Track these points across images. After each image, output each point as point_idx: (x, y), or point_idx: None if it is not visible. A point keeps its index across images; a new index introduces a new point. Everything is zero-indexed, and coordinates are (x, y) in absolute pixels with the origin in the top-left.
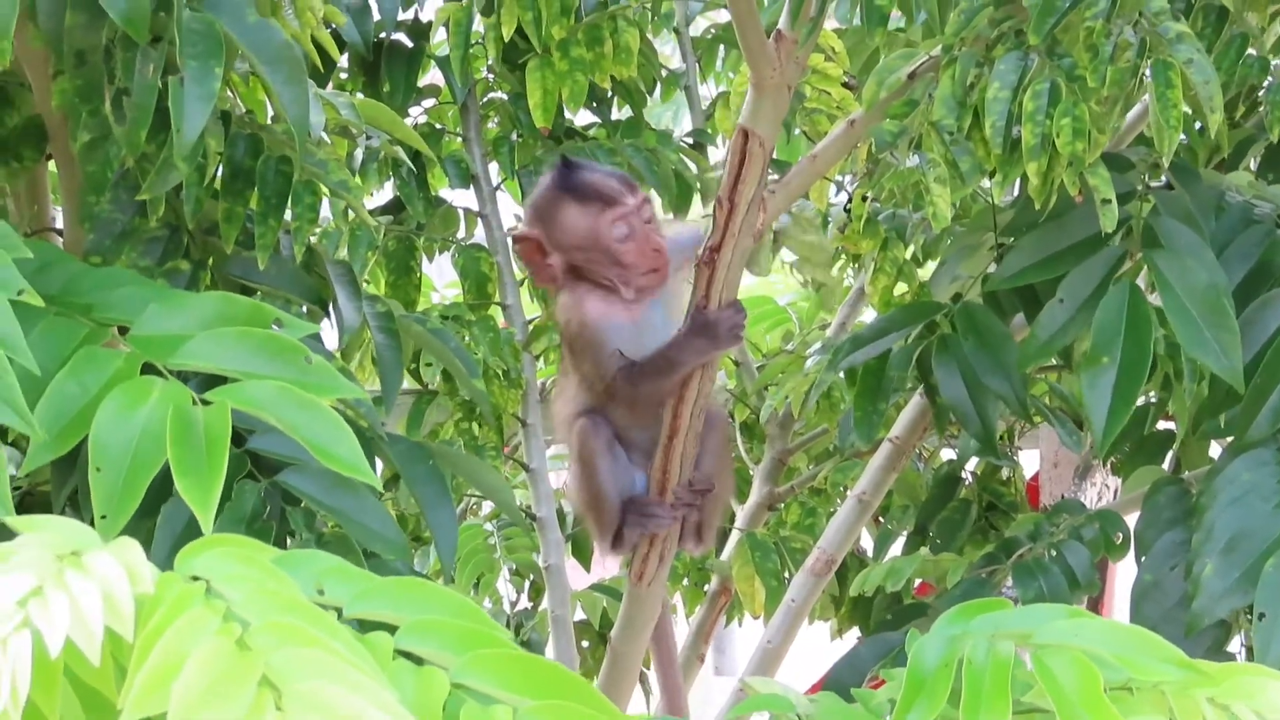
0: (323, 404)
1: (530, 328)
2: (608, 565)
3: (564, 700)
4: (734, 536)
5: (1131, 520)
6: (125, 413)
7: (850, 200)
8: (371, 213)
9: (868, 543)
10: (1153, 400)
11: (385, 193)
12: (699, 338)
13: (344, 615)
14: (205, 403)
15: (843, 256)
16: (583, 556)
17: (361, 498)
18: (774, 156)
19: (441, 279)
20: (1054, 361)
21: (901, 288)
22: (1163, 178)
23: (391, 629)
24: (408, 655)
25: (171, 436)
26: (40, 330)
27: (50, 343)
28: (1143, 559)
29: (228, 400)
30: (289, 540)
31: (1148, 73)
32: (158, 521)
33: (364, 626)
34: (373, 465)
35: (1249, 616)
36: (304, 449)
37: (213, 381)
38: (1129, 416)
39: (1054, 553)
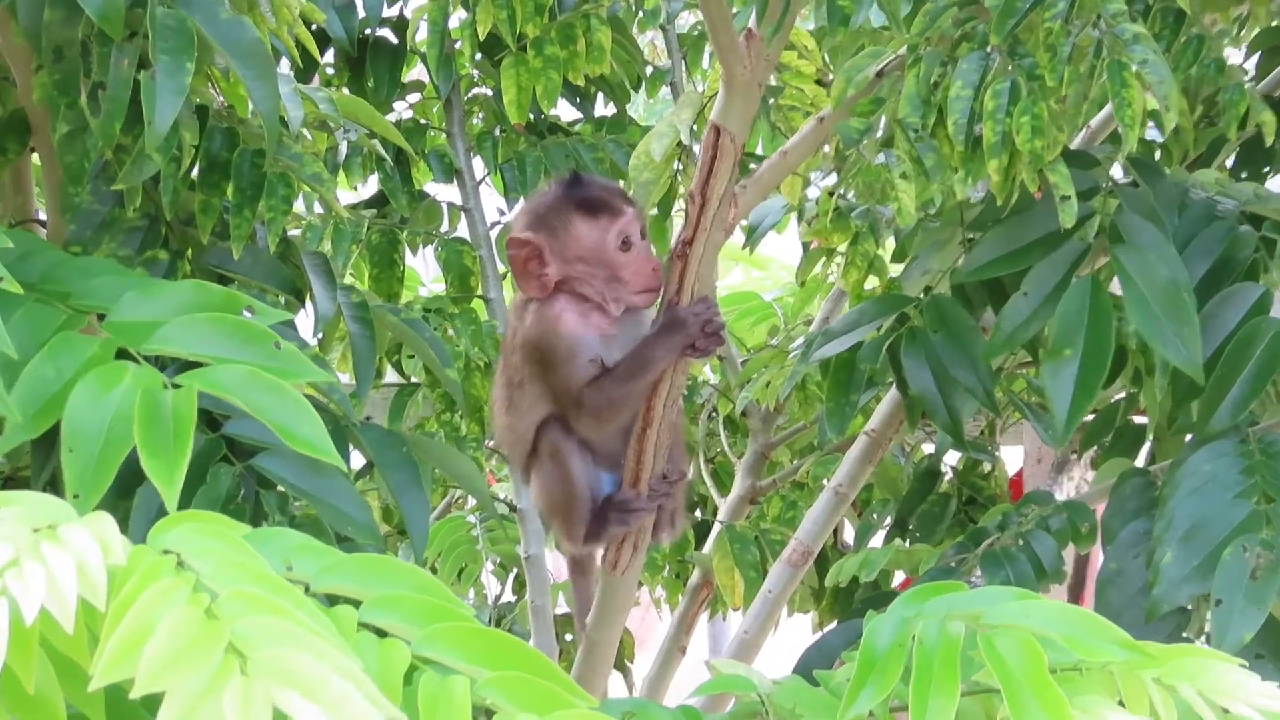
0: (289, 387)
1: None
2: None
3: (522, 672)
4: (715, 529)
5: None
6: (98, 396)
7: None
8: (355, 207)
9: (853, 537)
10: (1123, 396)
11: (370, 187)
12: (671, 334)
13: (311, 589)
14: (177, 386)
15: (824, 254)
16: None
17: (334, 482)
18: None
19: (429, 273)
20: (1027, 356)
21: (874, 282)
22: (1128, 175)
23: (358, 605)
24: (372, 628)
25: (139, 418)
26: (19, 316)
27: (28, 328)
28: (1108, 548)
29: (195, 384)
30: (264, 524)
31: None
32: (134, 503)
33: (332, 603)
34: (346, 453)
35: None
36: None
37: (190, 368)
38: (1091, 408)
39: (1021, 542)
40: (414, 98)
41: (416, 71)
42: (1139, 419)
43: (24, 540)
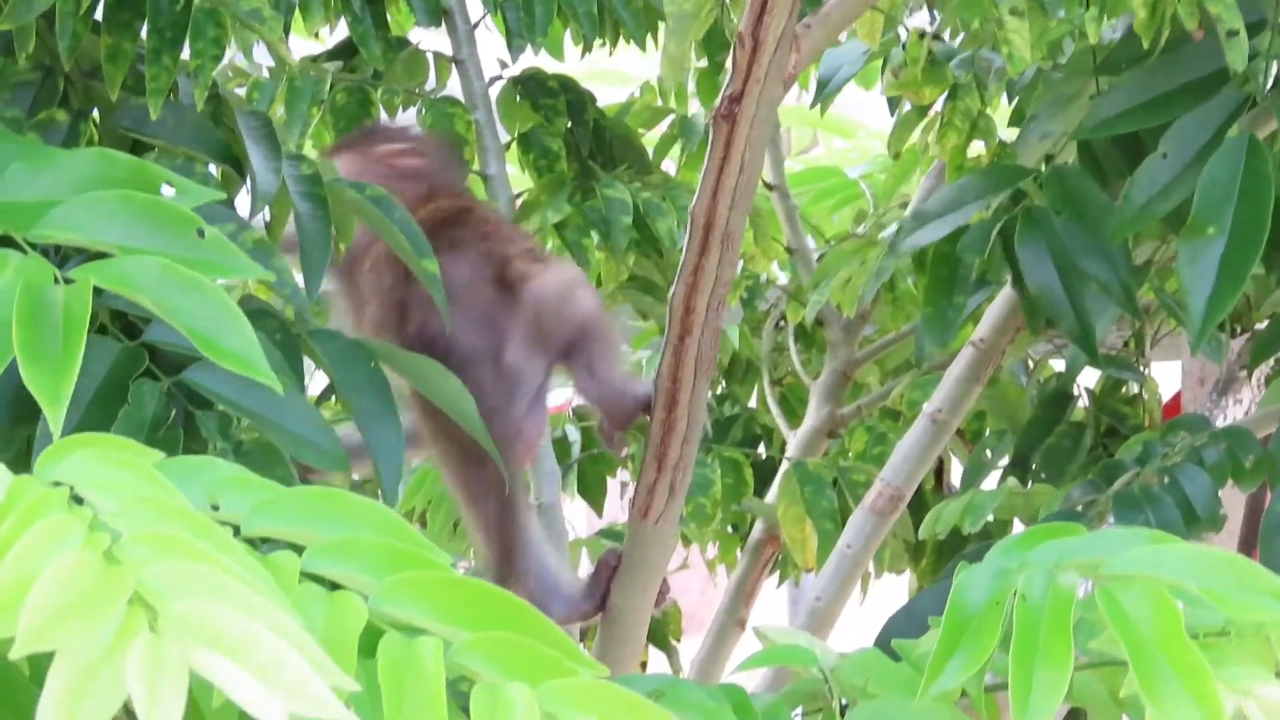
0: (213, 285)
1: (519, 203)
2: (626, 509)
3: (509, 632)
4: (783, 469)
5: None
6: None
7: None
8: (316, 59)
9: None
10: None
11: (339, 34)
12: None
13: (242, 532)
14: (70, 281)
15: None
16: (592, 495)
17: (286, 398)
18: None
19: None
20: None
21: (980, 150)
22: None
23: (302, 551)
24: (320, 580)
25: (19, 318)
26: None
27: None
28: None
29: (91, 277)
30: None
31: None
32: (37, 431)
33: (275, 550)
34: (301, 369)
35: None
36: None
37: (97, 260)
38: (1236, 301)
39: (1167, 479)
40: None
41: None
42: None
43: None
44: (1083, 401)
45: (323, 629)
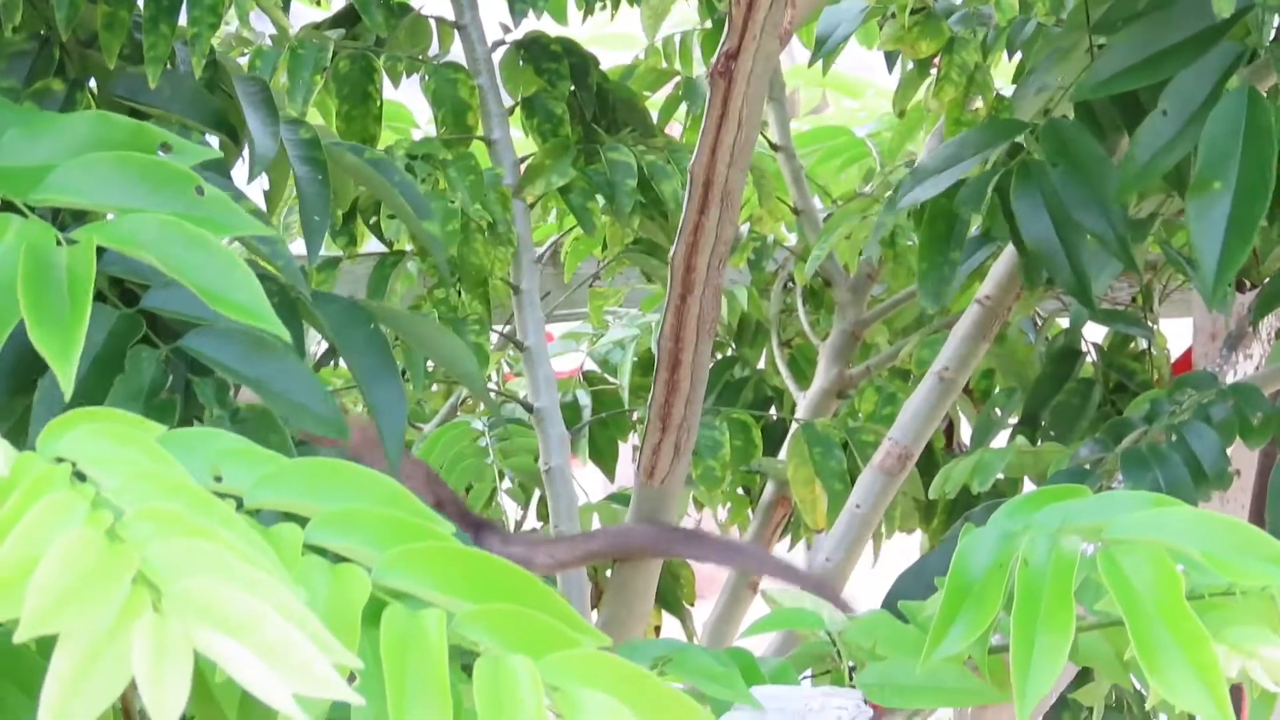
0: (216, 241)
1: (523, 168)
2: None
3: (512, 604)
4: (793, 430)
5: None
6: None
7: None
8: (318, 26)
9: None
10: None
11: (338, 2)
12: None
13: (244, 505)
14: (73, 242)
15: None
16: (604, 460)
17: (284, 364)
18: None
19: (424, 113)
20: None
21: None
22: None
23: (306, 524)
24: (323, 552)
25: (23, 279)
26: None
27: None
28: None
29: (95, 237)
30: (200, 423)
31: None
32: (35, 397)
33: (270, 522)
34: (301, 333)
35: None
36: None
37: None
38: (1247, 255)
39: (1175, 437)
40: None
41: None
42: None
43: None
44: (1091, 358)
45: (326, 602)
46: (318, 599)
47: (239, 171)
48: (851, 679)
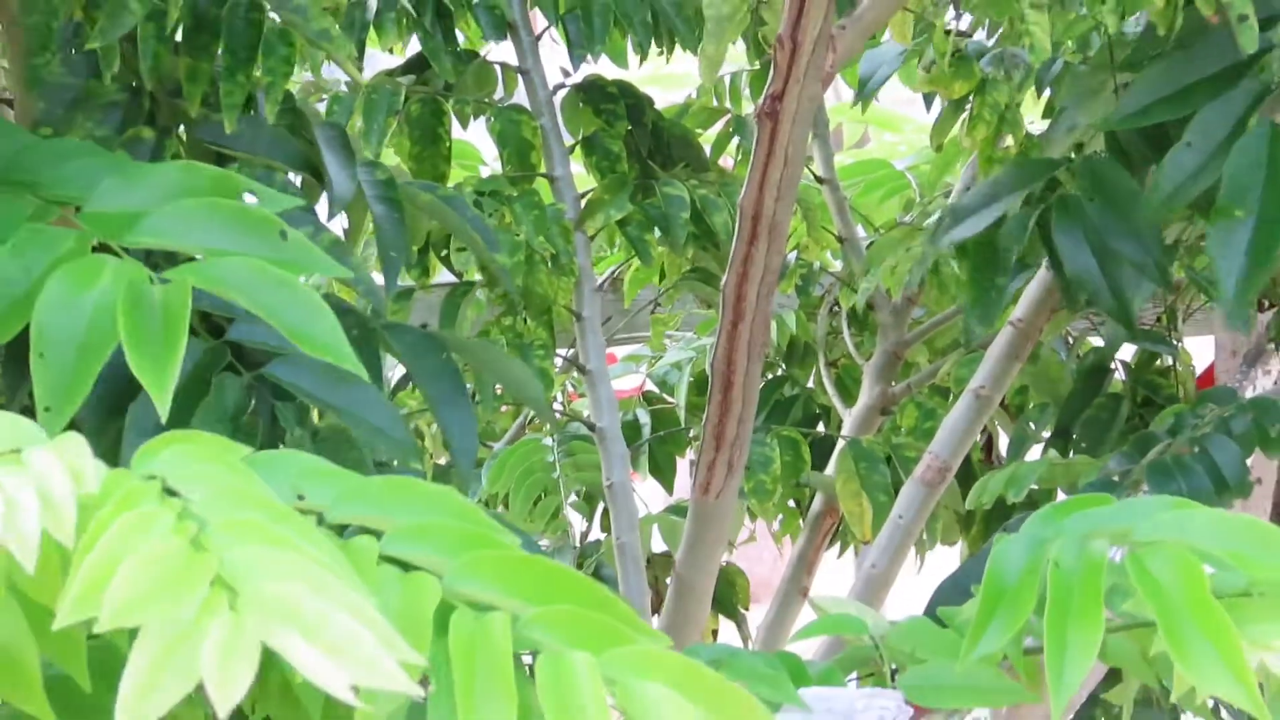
0: (297, 281)
1: (583, 203)
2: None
3: (574, 606)
4: (840, 446)
5: None
6: (74, 293)
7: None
8: (390, 73)
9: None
10: None
11: (410, 49)
12: None
13: (326, 520)
14: (165, 282)
15: (961, 110)
16: (663, 474)
17: (361, 391)
18: None
19: (491, 152)
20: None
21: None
22: None
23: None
24: (397, 562)
25: (123, 312)
26: None
27: None
28: None
29: (188, 278)
30: (282, 444)
31: None
32: (127, 422)
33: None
34: (379, 362)
35: None
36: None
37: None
38: (1267, 280)
39: (1197, 449)
40: None
41: None
42: None
43: None
44: (1119, 374)
45: (399, 607)
46: (391, 604)
47: (322, 207)
48: (893, 681)
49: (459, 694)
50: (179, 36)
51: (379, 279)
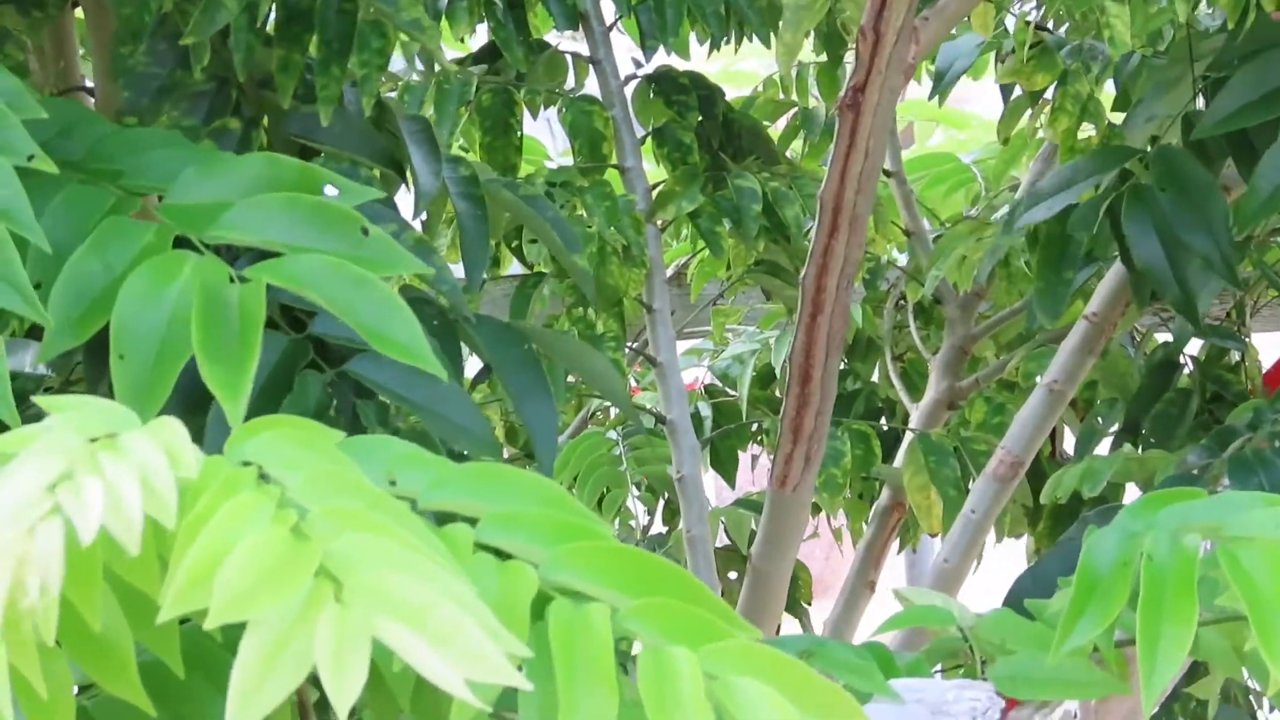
0: (378, 280)
1: (654, 194)
2: (756, 480)
3: (671, 599)
4: (907, 440)
5: None
6: (152, 291)
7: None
8: (461, 63)
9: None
10: None
11: (480, 38)
12: None
13: (419, 506)
14: (244, 280)
15: (1029, 104)
16: (725, 468)
17: (442, 388)
18: None
19: (557, 146)
20: None
21: (1090, 132)
22: None
23: (474, 524)
24: (491, 550)
25: (197, 317)
26: (60, 201)
27: (71, 215)
28: None
29: (265, 276)
30: None
31: None
32: (209, 419)
33: (443, 523)
34: (459, 355)
35: None
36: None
37: (266, 259)
38: None
39: (1277, 443)
40: None
41: None
42: None
43: (78, 451)
44: (1188, 369)
45: (496, 597)
46: (488, 593)
47: (402, 200)
48: (983, 673)
49: (560, 686)
50: (269, 28)
51: (456, 271)
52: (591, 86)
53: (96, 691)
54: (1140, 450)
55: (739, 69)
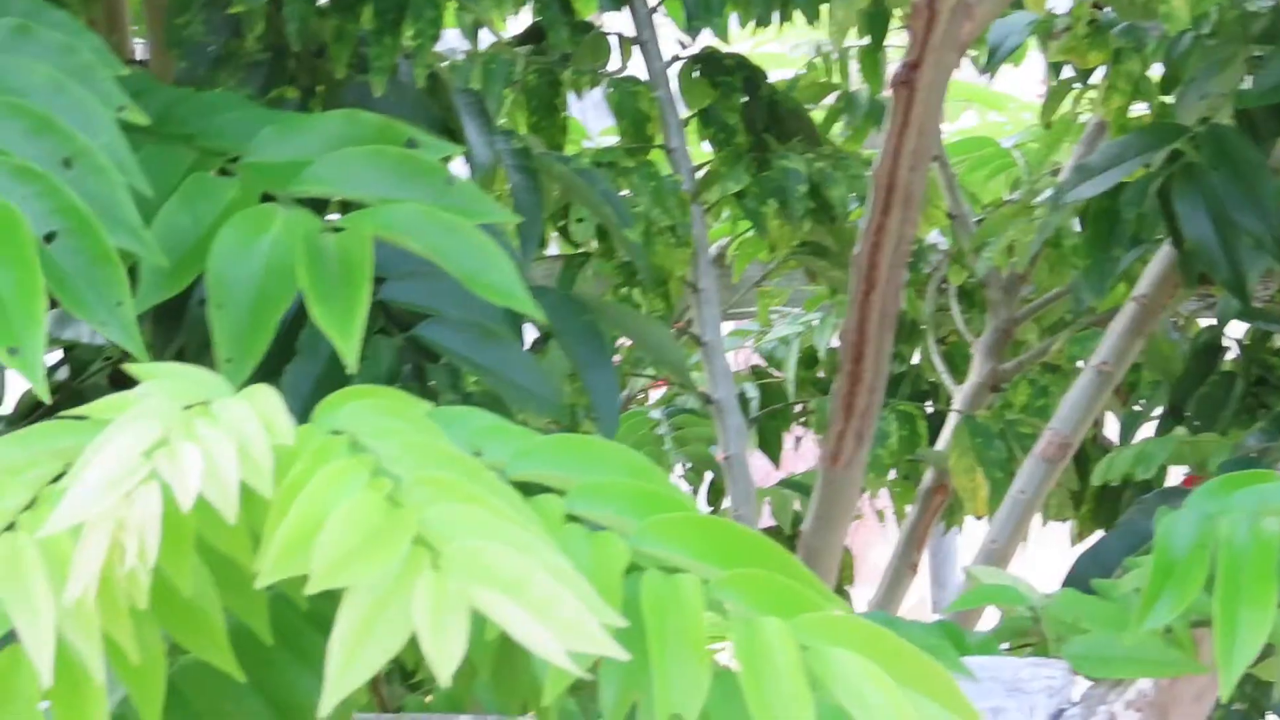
0: (471, 226)
1: (699, 175)
2: (798, 461)
3: (760, 569)
4: (951, 421)
5: None
6: (246, 243)
7: None
8: (507, 44)
9: (1114, 431)
10: None
11: (524, 20)
12: None
13: (506, 476)
14: (337, 230)
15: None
16: (770, 448)
17: (509, 352)
18: None
19: (597, 125)
20: None
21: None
22: None
23: (561, 496)
24: (581, 521)
25: (304, 262)
26: (140, 159)
27: (153, 173)
28: None
29: (363, 225)
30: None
31: None
32: (282, 382)
33: (528, 493)
34: (520, 322)
35: None
36: (441, 298)
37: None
38: None
39: None
40: None
41: None
42: None
43: (174, 418)
44: (1232, 352)
45: (588, 566)
46: (581, 564)
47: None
48: (1054, 652)
49: (653, 657)
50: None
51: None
52: (634, 68)
53: (178, 659)
54: (1184, 433)
55: (762, 51)
